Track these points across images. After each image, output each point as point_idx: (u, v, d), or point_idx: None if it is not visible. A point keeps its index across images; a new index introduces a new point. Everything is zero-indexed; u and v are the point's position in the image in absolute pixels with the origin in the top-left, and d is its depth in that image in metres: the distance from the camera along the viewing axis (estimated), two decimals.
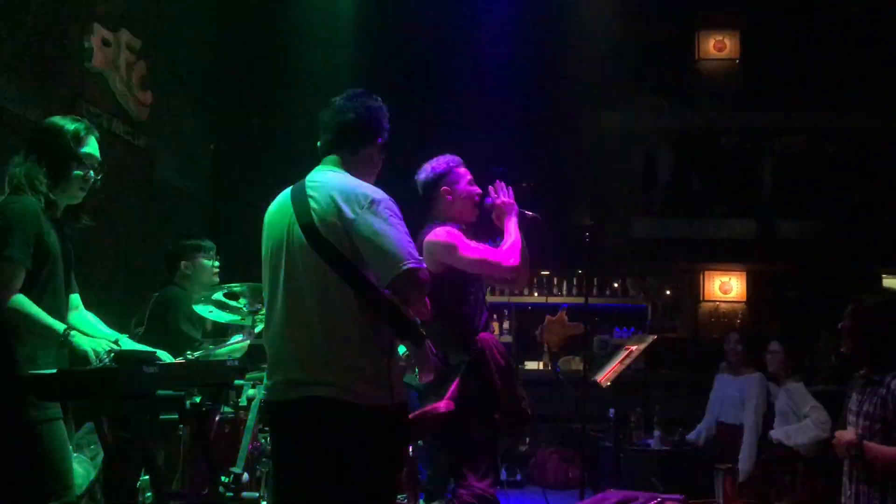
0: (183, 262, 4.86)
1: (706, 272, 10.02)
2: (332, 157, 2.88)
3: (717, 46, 10.27)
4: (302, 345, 2.68)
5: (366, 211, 2.62)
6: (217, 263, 5.02)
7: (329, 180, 2.76)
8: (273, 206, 2.89)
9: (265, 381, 2.91)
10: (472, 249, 3.56)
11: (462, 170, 3.77)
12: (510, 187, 3.84)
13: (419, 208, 3.75)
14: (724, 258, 9.90)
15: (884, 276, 9.69)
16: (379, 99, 2.95)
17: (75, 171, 3.11)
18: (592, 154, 9.66)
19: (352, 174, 2.81)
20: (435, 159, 3.79)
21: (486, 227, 3.82)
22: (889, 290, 3.88)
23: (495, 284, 5.90)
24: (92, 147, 3.18)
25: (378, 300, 2.63)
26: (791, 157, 10.21)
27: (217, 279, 4.95)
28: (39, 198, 3.03)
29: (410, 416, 2.99)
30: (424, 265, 2.61)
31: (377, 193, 2.69)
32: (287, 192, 2.86)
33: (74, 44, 5.65)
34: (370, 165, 2.90)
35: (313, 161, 2.95)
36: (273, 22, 8.09)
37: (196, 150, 7.64)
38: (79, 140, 3.13)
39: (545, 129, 9.25)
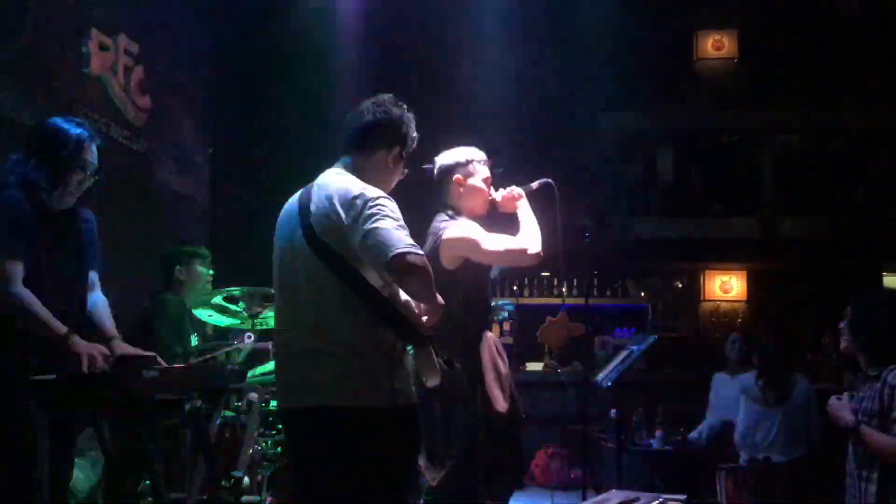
0: (178, 268, 4.85)
1: (707, 272, 10.02)
2: (345, 159, 2.85)
3: (716, 45, 10.26)
4: (302, 350, 2.66)
5: (359, 210, 2.57)
6: (211, 272, 5.01)
7: (330, 182, 2.73)
8: (285, 206, 2.87)
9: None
10: (494, 241, 3.48)
11: (482, 166, 3.68)
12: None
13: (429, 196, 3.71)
14: (725, 257, 9.89)
15: (885, 274, 9.68)
16: (404, 106, 2.91)
17: (75, 177, 3.11)
18: (592, 154, 9.66)
19: (362, 177, 2.76)
20: (459, 147, 3.72)
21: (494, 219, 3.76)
22: (886, 289, 3.90)
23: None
24: (93, 154, 3.18)
25: (378, 301, 2.59)
26: (791, 156, 10.20)
27: (210, 287, 4.94)
28: (36, 198, 3.02)
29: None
30: (418, 251, 2.52)
31: (371, 192, 2.64)
32: (298, 193, 2.83)
33: (72, 48, 5.63)
34: (384, 171, 2.85)
35: (312, 165, 2.93)
36: (271, 26, 8.08)
37: (194, 155, 7.62)
38: (82, 147, 3.13)
39: (545, 129, 9.24)
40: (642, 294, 9.83)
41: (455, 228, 3.50)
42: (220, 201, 7.98)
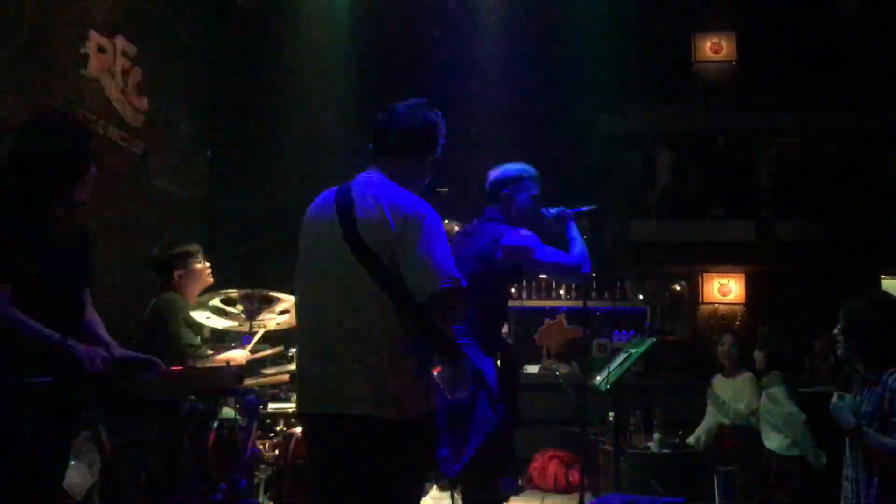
0: (176, 272, 4.81)
1: (705, 274, 10.02)
2: (381, 164, 2.83)
3: (714, 48, 10.27)
4: (333, 355, 2.61)
5: (411, 225, 2.57)
6: (208, 263, 4.99)
7: (376, 187, 2.70)
8: (315, 206, 2.83)
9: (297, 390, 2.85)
10: (549, 253, 3.63)
11: (532, 183, 3.81)
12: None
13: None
14: (723, 260, 9.90)
15: (882, 277, 9.68)
16: (439, 113, 2.90)
17: (91, 168, 3.08)
18: (590, 157, 9.65)
19: (398, 183, 2.75)
20: (512, 163, 3.86)
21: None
22: (876, 291, 3.89)
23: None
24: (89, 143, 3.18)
25: (417, 313, 2.56)
26: (789, 159, 10.22)
27: (211, 279, 4.92)
28: (49, 202, 3.00)
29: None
30: (463, 283, 2.56)
31: (423, 207, 2.64)
32: (331, 192, 2.79)
33: (70, 50, 5.63)
34: (418, 177, 2.86)
35: (311, 166, 2.93)
36: (269, 28, 8.08)
37: (192, 156, 7.61)
38: (86, 139, 3.12)
39: (543, 132, 9.24)
40: (641, 297, 9.82)
41: (514, 235, 3.61)
42: (218, 203, 7.98)
